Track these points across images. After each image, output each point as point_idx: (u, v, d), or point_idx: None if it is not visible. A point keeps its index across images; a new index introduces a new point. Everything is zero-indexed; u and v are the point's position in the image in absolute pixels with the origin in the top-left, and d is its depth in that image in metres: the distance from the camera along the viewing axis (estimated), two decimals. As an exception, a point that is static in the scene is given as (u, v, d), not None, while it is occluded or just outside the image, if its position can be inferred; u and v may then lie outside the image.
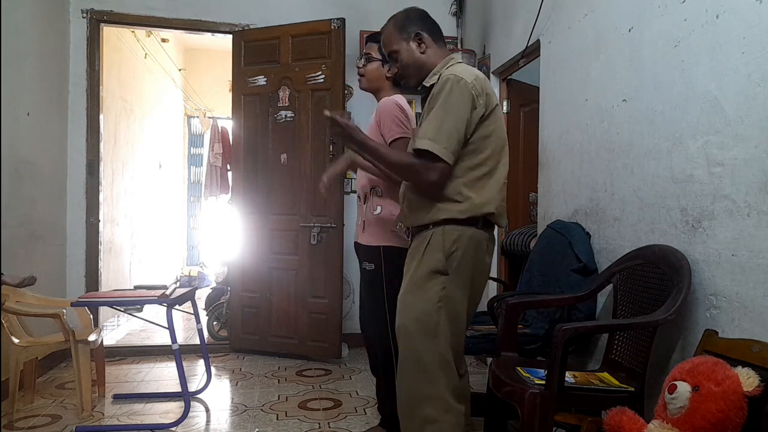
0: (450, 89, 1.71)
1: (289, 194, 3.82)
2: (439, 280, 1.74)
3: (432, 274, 1.74)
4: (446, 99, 1.71)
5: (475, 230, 1.76)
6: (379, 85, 2.36)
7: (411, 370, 1.75)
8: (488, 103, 1.77)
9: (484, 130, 1.76)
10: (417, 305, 1.76)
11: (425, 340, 1.73)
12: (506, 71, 3.56)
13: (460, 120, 1.70)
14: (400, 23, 1.88)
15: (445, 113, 1.69)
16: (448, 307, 1.74)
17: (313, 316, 3.75)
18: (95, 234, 3.88)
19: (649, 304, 1.85)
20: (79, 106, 3.83)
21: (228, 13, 4.01)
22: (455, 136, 1.69)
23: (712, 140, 1.72)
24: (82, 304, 2.84)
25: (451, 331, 1.75)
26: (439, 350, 1.73)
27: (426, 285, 1.74)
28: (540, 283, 2.45)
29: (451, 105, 1.70)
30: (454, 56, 1.90)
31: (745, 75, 1.61)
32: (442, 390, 1.72)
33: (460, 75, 1.73)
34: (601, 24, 2.36)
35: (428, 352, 1.73)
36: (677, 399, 1.42)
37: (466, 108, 1.71)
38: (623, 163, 2.17)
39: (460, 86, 1.71)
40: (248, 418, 2.76)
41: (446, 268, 1.73)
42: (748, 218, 1.59)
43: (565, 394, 1.69)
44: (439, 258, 1.74)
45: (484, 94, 1.76)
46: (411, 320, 1.76)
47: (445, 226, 1.75)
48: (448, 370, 1.74)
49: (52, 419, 2.69)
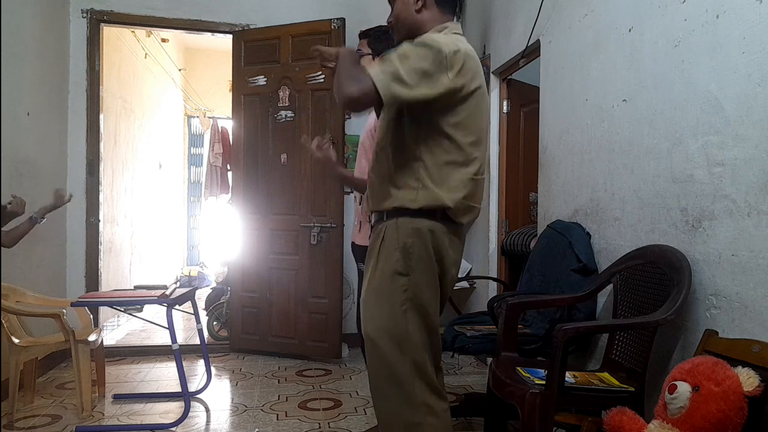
0: (416, 45, 1.49)
1: (289, 194, 3.82)
2: (399, 282, 1.56)
3: (391, 276, 1.57)
4: (409, 47, 1.48)
5: (433, 222, 1.57)
6: None
7: (384, 382, 1.59)
8: (469, 83, 1.54)
9: (459, 113, 1.54)
10: (381, 314, 1.59)
11: (394, 350, 1.56)
12: (506, 71, 3.56)
13: (422, 60, 1.46)
14: None
15: (404, 56, 1.46)
16: (415, 309, 1.57)
17: (313, 316, 3.75)
18: (95, 234, 3.89)
19: (650, 304, 1.85)
20: (79, 106, 3.83)
21: (228, 13, 4.01)
22: (409, 76, 1.44)
23: (713, 140, 1.72)
24: (82, 304, 2.84)
25: (421, 334, 1.58)
26: (412, 357, 1.57)
27: (387, 289, 1.57)
28: (540, 283, 2.45)
29: (412, 51, 1.47)
30: (448, 25, 1.67)
31: (745, 75, 1.60)
32: (419, 395, 1.56)
33: (438, 40, 1.50)
34: (601, 24, 2.36)
35: (399, 362, 1.56)
36: (677, 399, 1.42)
37: (430, 66, 1.46)
38: (623, 163, 2.17)
39: (432, 49, 1.48)
40: (248, 418, 2.76)
41: (406, 268, 1.56)
42: (748, 218, 1.59)
43: (565, 394, 1.69)
44: (396, 257, 1.56)
45: (468, 71, 1.53)
46: (377, 329, 1.59)
47: (399, 218, 1.57)
48: (424, 373, 1.58)
49: (52, 419, 2.69)
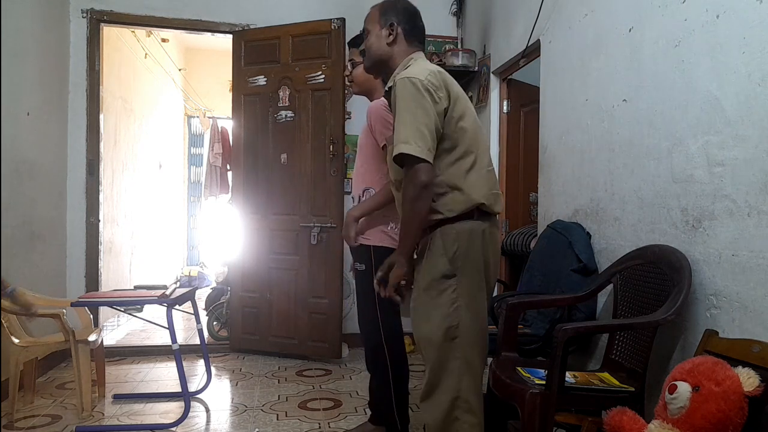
0: (405, 92, 1.68)
1: (289, 194, 3.82)
2: (448, 284, 1.71)
3: (441, 279, 1.72)
4: (405, 102, 1.68)
5: (472, 222, 1.73)
6: (370, 86, 2.37)
7: (439, 377, 1.73)
8: (450, 95, 1.73)
9: (454, 122, 1.73)
10: (433, 314, 1.73)
11: (448, 346, 1.71)
12: (506, 71, 3.56)
13: (427, 117, 1.66)
14: (384, 8, 1.89)
15: (410, 115, 1.67)
16: (464, 306, 1.72)
17: (313, 316, 3.75)
18: (95, 234, 3.88)
19: (650, 304, 1.85)
20: (79, 106, 3.83)
21: (228, 13, 4.01)
22: (426, 133, 1.65)
23: (713, 140, 1.72)
24: (82, 304, 2.84)
25: (471, 331, 1.73)
26: (462, 353, 1.71)
27: (437, 291, 1.72)
28: (540, 283, 2.45)
29: (411, 106, 1.67)
30: (414, 56, 1.86)
31: (745, 75, 1.61)
32: (465, 391, 1.70)
33: (412, 75, 1.70)
34: (601, 24, 2.36)
35: (453, 359, 1.71)
36: (678, 399, 1.42)
37: (428, 104, 1.67)
38: (623, 163, 2.17)
39: (414, 85, 1.67)
40: (248, 418, 2.76)
41: (452, 270, 1.71)
42: (748, 218, 1.59)
43: (565, 394, 1.69)
44: (443, 262, 1.71)
45: (443, 87, 1.72)
46: (433, 330, 1.73)
47: (442, 227, 1.73)
48: (473, 371, 1.73)
49: (52, 419, 2.69)
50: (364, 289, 2.26)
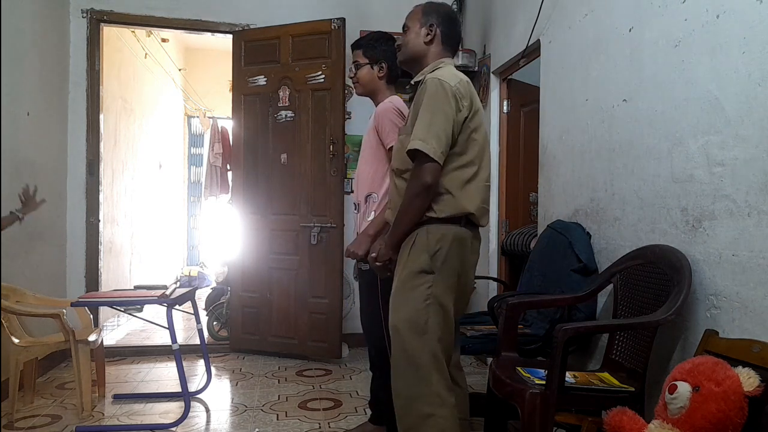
0: (434, 92, 1.77)
1: (289, 194, 3.82)
2: (425, 279, 1.80)
3: (419, 274, 1.80)
4: (431, 102, 1.76)
5: (458, 228, 1.83)
6: (374, 87, 2.37)
7: (404, 368, 1.81)
8: (471, 106, 1.83)
9: (468, 132, 1.82)
10: (406, 305, 1.81)
11: (416, 338, 1.79)
12: (506, 71, 3.56)
13: (447, 121, 1.76)
14: (427, 9, 1.98)
15: (432, 115, 1.75)
16: (436, 304, 1.80)
17: (313, 316, 3.75)
18: (95, 234, 3.88)
19: (650, 304, 1.85)
20: (79, 106, 3.83)
21: (228, 13, 4.01)
22: (443, 136, 1.74)
23: (713, 140, 1.72)
24: (82, 304, 2.84)
25: (440, 328, 1.80)
26: (430, 347, 1.79)
27: (413, 284, 1.80)
28: (540, 283, 2.45)
29: (436, 107, 1.76)
30: (445, 60, 1.95)
31: (745, 75, 1.60)
32: (435, 386, 1.77)
33: (444, 78, 1.79)
34: (601, 24, 2.36)
35: (419, 350, 1.78)
36: (678, 399, 1.42)
37: (450, 110, 1.77)
38: (623, 163, 2.17)
39: (444, 89, 1.77)
40: (248, 418, 2.76)
41: (432, 267, 1.80)
42: (748, 218, 1.58)
43: (565, 394, 1.69)
44: (424, 258, 1.80)
45: (468, 97, 1.82)
46: (401, 320, 1.81)
47: (429, 225, 1.81)
48: (440, 366, 1.79)
49: (52, 419, 2.69)
50: (369, 289, 2.26)
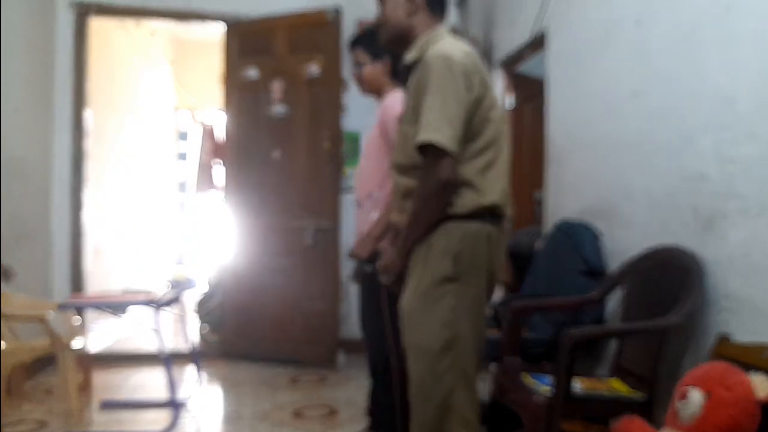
0: (441, 73, 1.51)
1: (283, 193, 3.73)
2: (448, 289, 1.55)
3: (440, 283, 1.55)
4: (438, 83, 1.51)
5: (481, 224, 1.56)
6: (379, 84, 2.30)
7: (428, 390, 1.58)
8: (483, 81, 1.58)
9: (482, 111, 1.56)
10: (428, 323, 1.57)
11: (442, 358, 1.55)
12: (511, 62, 3.49)
13: (460, 105, 1.51)
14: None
15: (443, 100, 1.50)
16: (464, 316, 1.56)
17: (309, 321, 3.65)
18: (81, 233, 3.79)
19: (660, 308, 1.80)
20: (65, 102, 3.73)
21: (220, 3, 3.90)
22: (457, 122, 1.50)
23: (724, 137, 1.69)
24: (69, 306, 2.77)
25: (471, 341, 1.58)
26: (459, 365, 1.56)
27: (434, 297, 1.56)
28: (545, 285, 2.41)
29: (446, 90, 1.51)
30: (437, 29, 1.66)
31: (757, 70, 1.57)
32: (461, 405, 1.56)
33: (448, 53, 1.53)
34: (609, 15, 2.31)
35: (446, 371, 1.55)
36: (689, 406, 1.40)
37: (462, 91, 1.52)
38: (633, 160, 2.12)
39: (451, 67, 1.51)
40: (241, 426, 2.69)
41: (455, 274, 1.54)
42: (760, 218, 1.55)
43: (572, 402, 1.65)
44: (446, 264, 1.54)
45: (477, 71, 1.57)
46: (425, 339, 1.57)
47: (448, 223, 1.55)
48: (468, 383, 1.58)
49: (39, 425, 2.62)
50: (371, 293, 2.20)
